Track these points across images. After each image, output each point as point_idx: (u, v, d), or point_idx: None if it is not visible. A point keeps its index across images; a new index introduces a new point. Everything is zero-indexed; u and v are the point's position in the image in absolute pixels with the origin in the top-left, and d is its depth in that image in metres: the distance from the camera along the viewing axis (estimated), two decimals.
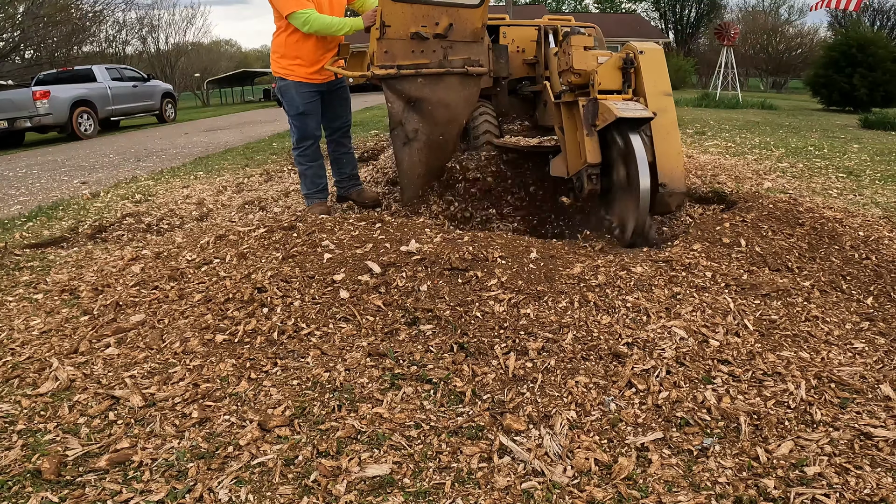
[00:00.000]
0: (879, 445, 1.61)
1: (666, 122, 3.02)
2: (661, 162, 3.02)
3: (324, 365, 2.04)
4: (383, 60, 3.40)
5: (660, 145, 3.02)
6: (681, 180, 3.02)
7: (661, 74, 3.07)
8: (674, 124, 3.03)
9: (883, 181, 4.94)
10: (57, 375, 2.07)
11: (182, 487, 1.53)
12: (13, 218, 4.80)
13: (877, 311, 2.44)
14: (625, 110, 2.91)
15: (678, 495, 1.47)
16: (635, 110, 2.91)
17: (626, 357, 1.99)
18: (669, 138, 3.02)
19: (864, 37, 15.83)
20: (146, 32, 32.69)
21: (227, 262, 2.84)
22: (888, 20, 38.50)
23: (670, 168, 3.02)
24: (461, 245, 2.67)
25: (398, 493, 1.50)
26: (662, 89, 3.06)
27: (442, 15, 3.59)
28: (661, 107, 3.02)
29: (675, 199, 3.04)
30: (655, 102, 3.02)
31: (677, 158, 3.02)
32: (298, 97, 3.71)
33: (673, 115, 3.04)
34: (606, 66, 3.14)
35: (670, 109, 3.04)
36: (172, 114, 16.70)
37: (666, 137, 3.03)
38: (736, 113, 12.70)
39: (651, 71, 3.05)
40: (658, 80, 3.06)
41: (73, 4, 23.59)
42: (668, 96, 3.06)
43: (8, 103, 11.61)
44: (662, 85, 3.07)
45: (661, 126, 3.02)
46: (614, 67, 3.13)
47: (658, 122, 3.00)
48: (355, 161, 4.34)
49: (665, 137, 3.03)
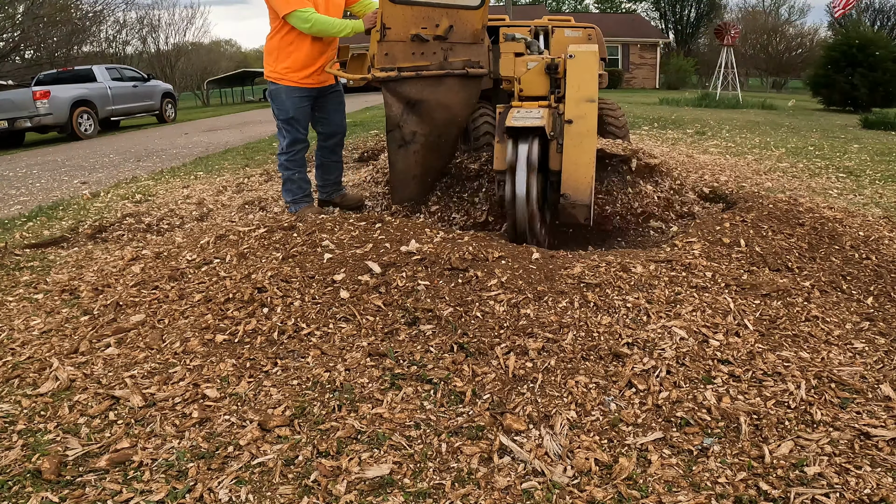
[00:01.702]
0: (879, 445, 1.61)
1: (581, 130, 2.91)
2: (568, 171, 2.94)
3: (324, 365, 2.04)
4: (384, 63, 3.38)
5: (570, 154, 2.93)
6: (585, 192, 2.90)
7: (586, 80, 2.91)
8: (591, 133, 2.90)
9: (883, 181, 4.94)
10: (57, 375, 2.07)
11: (182, 487, 1.53)
12: (13, 218, 4.81)
13: (877, 311, 2.44)
14: (517, 119, 2.89)
15: (678, 495, 1.47)
16: (527, 119, 2.86)
17: (626, 357, 1.99)
18: (582, 147, 2.91)
19: (864, 37, 15.83)
20: (146, 32, 32.69)
21: (228, 262, 2.84)
22: (888, 20, 38.54)
23: (575, 179, 2.92)
24: (461, 245, 2.67)
25: (398, 493, 1.50)
26: (585, 95, 2.91)
27: (442, 17, 3.58)
28: (579, 114, 2.90)
29: (579, 210, 2.94)
30: (574, 109, 2.91)
31: (585, 169, 2.91)
32: (289, 102, 3.66)
33: (592, 122, 2.90)
34: (531, 72, 3.10)
35: (590, 116, 2.90)
36: (172, 114, 16.70)
37: (578, 146, 2.92)
38: (736, 113, 12.70)
39: (576, 76, 2.92)
40: (582, 86, 2.92)
41: (73, 4, 23.59)
42: (590, 103, 2.91)
43: (8, 103, 11.61)
44: (586, 91, 2.91)
45: (575, 134, 2.91)
46: (539, 73, 3.08)
47: (572, 130, 2.90)
48: (342, 168, 4.32)
49: (577, 146, 2.92)
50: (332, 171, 4.20)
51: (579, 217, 2.97)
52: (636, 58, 31.71)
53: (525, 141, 2.92)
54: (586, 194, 2.91)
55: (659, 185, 3.75)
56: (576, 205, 2.93)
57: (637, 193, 3.60)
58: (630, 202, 3.57)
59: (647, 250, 2.89)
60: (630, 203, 3.57)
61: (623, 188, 3.61)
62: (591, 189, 2.89)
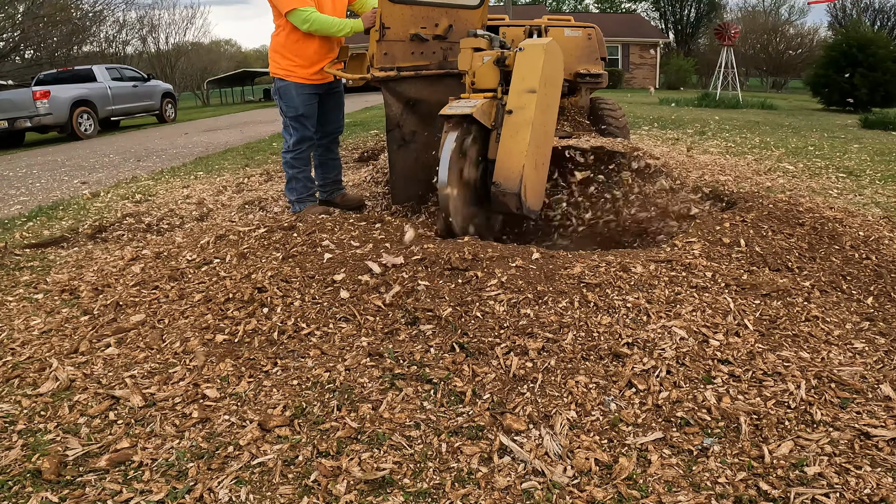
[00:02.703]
0: (879, 445, 1.61)
1: (518, 121, 2.93)
2: (501, 160, 2.98)
3: (324, 365, 2.04)
4: (383, 62, 3.38)
5: (504, 143, 2.97)
6: (515, 181, 2.93)
7: (530, 71, 2.94)
8: (527, 123, 2.91)
9: (883, 181, 4.94)
10: (57, 375, 2.08)
11: (182, 487, 1.53)
12: (13, 218, 4.81)
13: (877, 311, 2.44)
14: (451, 108, 2.98)
15: (678, 495, 1.47)
16: (458, 108, 2.95)
17: (626, 357, 1.99)
18: (517, 137, 2.93)
19: (864, 37, 15.84)
20: (146, 32, 32.71)
21: (228, 262, 2.84)
22: (888, 20, 38.53)
23: (507, 167, 2.95)
24: (461, 245, 2.67)
25: (398, 493, 1.50)
26: (527, 86, 2.93)
27: (441, 16, 3.58)
28: (520, 104, 2.93)
29: (509, 199, 2.96)
30: (515, 100, 2.95)
31: (517, 158, 2.92)
32: (298, 99, 3.65)
33: (529, 113, 2.91)
34: (484, 65, 3.15)
35: (528, 107, 2.92)
36: (172, 114, 16.70)
37: (513, 136, 2.94)
38: (736, 113, 12.70)
39: (521, 68, 2.96)
40: (526, 77, 2.94)
41: (73, 4, 23.59)
42: (530, 93, 2.93)
43: (8, 103, 11.61)
44: (529, 82, 2.93)
45: (511, 124, 2.95)
46: (490, 66, 3.13)
47: (511, 120, 2.95)
48: (341, 166, 4.32)
49: (512, 136, 2.95)
50: (332, 169, 4.20)
51: (510, 205, 2.98)
52: (636, 58, 31.71)
53: (455, 129, 2.97)
54: (516, 183, 2.93)
55: (658, 186, 3.74)
56: (506, 193, 2.96)
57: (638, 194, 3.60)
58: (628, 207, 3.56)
59: (647, 250, 2.89)
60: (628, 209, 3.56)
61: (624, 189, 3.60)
62: (521, 178, 2.91)
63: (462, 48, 3.21)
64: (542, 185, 3.13)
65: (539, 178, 3.08)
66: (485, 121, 3.03)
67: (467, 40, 3.22)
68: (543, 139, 3.06)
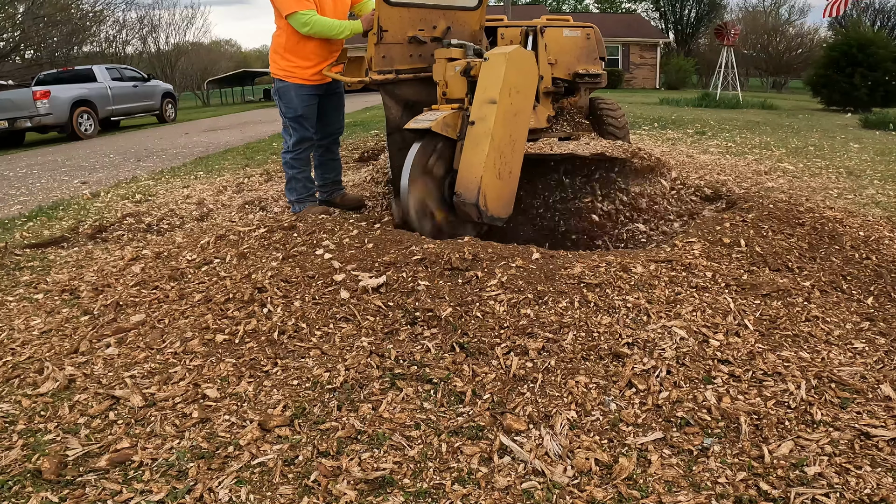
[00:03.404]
0: (879, 445, 1.61)
1: (479, 132, 2.95)
2: (462, 170, 3.00)
3: (324, 365, 2.04)
4: (381, 65, 3.38)
5: (465, 154, 2.99)
6: (473, 191, 2.95)
7: (493, 82, 2.94)
8: (486, 134, 2.93)
9: (883, 181, 4.94)
10: (55, 377, 2.07)
11: (182, 487, 1.53)
12: (13, 218, 4.81)
13: (877, 311, 2.44)
14: (414, 121, 3.05)
15: (678, 495, 1.47)
16: (421, 122, 3.02)
17: (627, 357, 1.99)
18: (476, 149, 2.95)
19: (864, 37, 15.83)
20: (146, 32, 32.70)
21: (228, 262, 2.84)
22: (888, 20, 38.53)
23: (467, 178, 2.98)
24: (461, 245, 2.67)
25: (398, 493, 1.50)
26: (488, 97, 2.94)
27: (439, 18, 3.57)
28: (481, 115, 2.95)
29: (469, 209, 2.98)
30: (477, 110, 2.97)
31: (475, 169, 2.94)
32: (298, 100, 3.66)
33: (489, 124, 2.92)
34: (455, 75, 3.16)
35: (489, 118, 2.93)
36: (173, 114, 16.70)
37: (473, 147, 2.97)
38: (736, 113, 12.70)
39: (485, 78, 2.98)
40: (488, 87, 2.95)
41: (73, 4, 23.61)
42: (491, 104, 2.94)
43: (8, 103, 11.61)
44: (490, 92, 2.94)
45: (472, 135, 2.97)
46: (458, 76, 3.14)
47: (472, 131, 2.97)
48: (341, 167, 4.33)
49: (472, 147, 2.97)
50: (331, 169, 4.20)
51: (471, 215, 3.02)
52: (636, 58, 31.70)
53: (418, 141, 3.03)
54: (474, 193, 2.94)
55: (658, 186, 3.75)
56: (465, 203, 2.99)
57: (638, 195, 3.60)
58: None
59: (647, 250, 2.89)
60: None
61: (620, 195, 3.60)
62: (479, 188, 2.93)
63: (436, 58, 3.24)
64: (509, 193, 3.13)
65: (504, 186, 3.08)
66: (449, 133, 3.06)
67: (441, 50, 3.25)
68: (509, 148, 3.05)
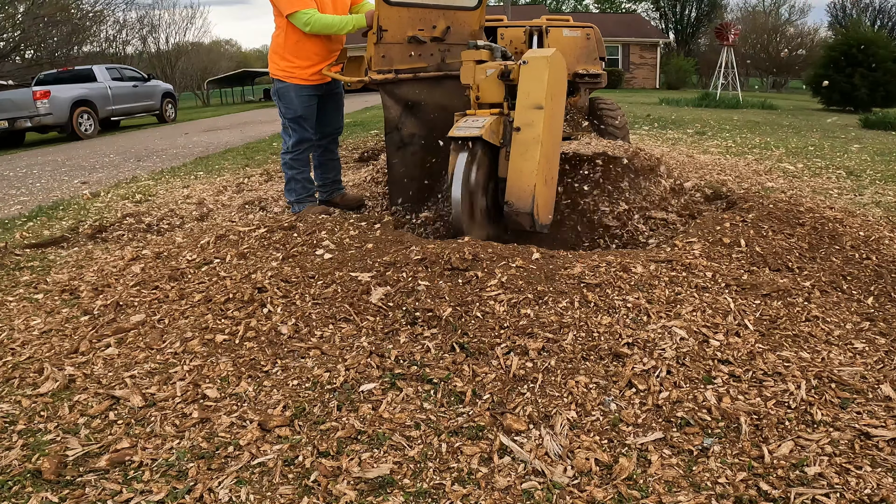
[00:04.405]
0: (880, 445, 1.61)
1: (527, 138, 2.87)
2: (511, 179, 2.93)
3: (324, 365, 2.04)
4: (381, 65, 3.35)
5: (514, 162, 2.92)
6: (527, 200, 2.88)
7: (536, 86, 2.86)
8: (536, 141, 2.85)
9: (883, 181, 4.94)
10: (55, 377, 2.07)
11: (182, 487, 1.53)
12: (13, 218, 4.81)
13: (877, 311, 2.44)
14: (459, 129, 2.94)
15: (678, 495, 1.47)
16: (467, 129, 2.92)
17: (627, 357, 1.99)
18: (526, 155, 2.88)
19: (864, 37, 15.84)
20: (146, 32, 32.72)
21: (228, 262, 2.84)
22: (888, 20, 38.52)
23: (518, 187, 2.90)
24: (461, 245, 2.67)
25: (398, 493, 1.50)
26: (533, 102, 2.86)
27: (439, 18, 3.56)
28: (527, 121, 2.87)
29: (522, 218, 2.92)
30: (522, 116, 2.88)
31: (528, 177, 2.87)
32: (298, 100, 3.64)
33: (538, 130, 2.85)
34: (488, 78, 3.08)
35: (536, 124, 2.85)
36: (173, 114, 16.70)
37: (523, 154, 2.89)
38: (736, 113, 12.70)
39: (527, 83, 2.88)
40: (532, 93, 2.86)
41: (73, 4, 23.60)
42: (538, 110, 2.85)
43: (8, 103, 11.62)
44: (535, 97, 2.86)
45: (520, 142, 2.89)
46: (494, 80, 3.06)
47: (519, 138, 2.89)
48: (340, 166, 4.32)
49: (521, 154, 2.89)
50: (331, 170, 4.20)
51: (524, 224, 2.96)
52: (636, 58, 31.71)
53: (465, 150, 2.94)
54: (528, 202, 2.89)
55: (659, 186, 3.75)
56: (519, 212, 2.92)
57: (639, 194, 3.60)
58: None
59: (647, 250, 2.89)
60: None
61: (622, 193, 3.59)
62: (532, 197, 2.88)
63: (464, 61, 3.15)
64: (552, 199, 3.10)
65: (550, 192, 3.04)
66: (493, 140, 2.98)
67: (469, 52, 3.16)
68: (552, 153, 3.02)
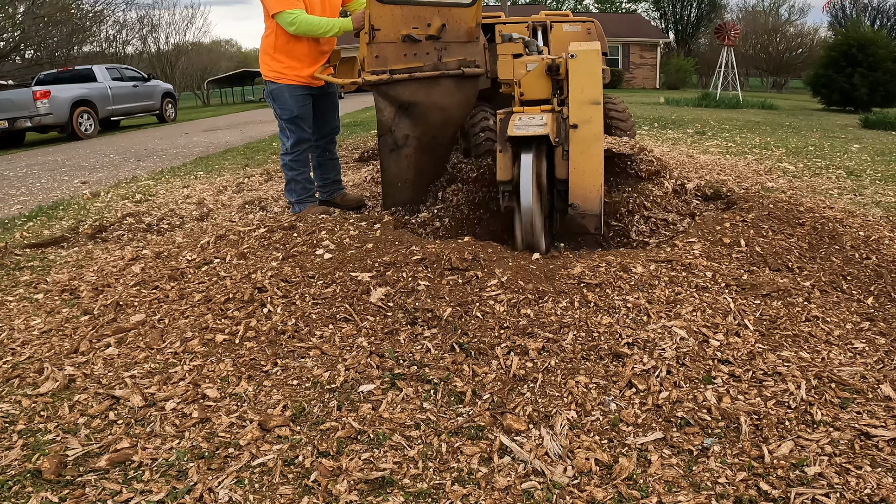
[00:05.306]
0: (880, 445, 1.61)
1: (587, 136, 2.75)
2: (574, 180, 2.80)
3: (324, 365, 2.04)
4: (374, 66, 3.24)
5: (576, 161, 2.79)
6: (594, 201, 2.77)
7: (590, 81, 2.74)
8: (597, 138, 2.74)
9: (883, 181, 4.94)
10: (55, 377, 2.07)
11: (182, 487, 1.53)
12: (13, 218, 4.81)
13: (877, 311, 2.44)
14: (519, 127, 2.73)
15: (678, 495, 1.47)
16: (530, 127, 2.72)
17: (627, 357, 1.99)
18: (588, 153, 2.76)
19: (864, 37, 15.85)
20: (146, 32, 32.72)
21: (228, 262, 2.84)
22: (888, 20, 38.51)
23: (583, 187, 2.79)
24: (461, 245, 2.67)
25: (398, 493, 1.50)
26: (589, 98, 2.73)
27: (434, 15, 3.46)
28: (584, 118, 2.75)
29: (589, 220, 2.81)
30: (579, 113, 2.75)
31: (593, 177, 2.77)
32: (292, 101, 3.58)
33: (598, 127, 2.74)
34: (532, 74, 2.93)
35: (595, 121, 2.74)
36: (173, 114, 16.70)
37: (584, 153, 2.77)
38: (736, 113, 12.70)
39: (579, 77, 2.75)
40: (586, 88, 2.73)
41: (74, 4, 23.60)
42: (595, 105, 2.73)
43: (8, 103, 11.61)
44: (590, 93, 2.73)
45: (580, 140, 2.76)
46: (540, 75, 2.92)
47: (578, 135, 2.77)
48: (339, 166, 4.30)
49: (583, 153, 2.77)
50: (330, 170, 4.18)
51: (589, 227, 2.85)
52: (636, 58, 31.72)
53: (529, 150, 2.77)
54: (596, 203, 2.78)
55: (662, 185, 3.74)
56: (585, 215, 2.81)
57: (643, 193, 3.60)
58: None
59: (647, 250, 2.88)
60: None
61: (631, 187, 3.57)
62: (600, 197, 2.78)
63: (500, 55, 3.00)
64: None
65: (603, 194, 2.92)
66: (552, 137, 2.85)
67: (504, 45, 3.01)
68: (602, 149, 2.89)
